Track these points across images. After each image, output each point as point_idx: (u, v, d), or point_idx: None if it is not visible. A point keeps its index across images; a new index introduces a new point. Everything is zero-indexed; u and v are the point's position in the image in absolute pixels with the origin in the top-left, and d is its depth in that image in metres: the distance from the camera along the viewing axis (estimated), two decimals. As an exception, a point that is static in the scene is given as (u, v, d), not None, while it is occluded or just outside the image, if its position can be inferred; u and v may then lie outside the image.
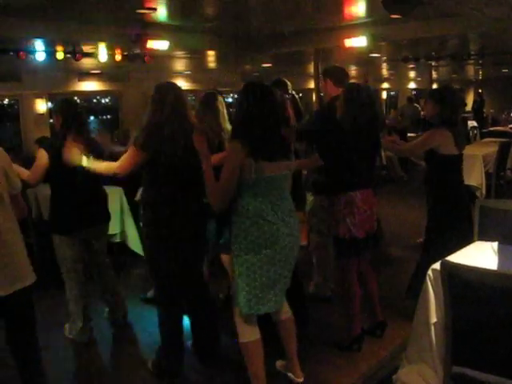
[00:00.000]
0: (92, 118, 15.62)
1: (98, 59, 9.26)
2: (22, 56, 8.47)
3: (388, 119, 14.30)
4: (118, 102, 13.56)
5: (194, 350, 4.23)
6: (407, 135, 13.08)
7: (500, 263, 3.24)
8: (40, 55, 8.70)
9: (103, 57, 9.21)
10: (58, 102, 4.76)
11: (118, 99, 13.52)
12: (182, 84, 14.36)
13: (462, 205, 4.67)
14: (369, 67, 17.28)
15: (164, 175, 3.74)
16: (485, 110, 22.47)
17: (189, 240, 3.86)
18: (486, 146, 9.85)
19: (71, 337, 4.73)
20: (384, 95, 22.44)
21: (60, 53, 8.74)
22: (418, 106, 16.89)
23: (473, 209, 4.38)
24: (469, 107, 22.51)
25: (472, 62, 15.59)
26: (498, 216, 3.85)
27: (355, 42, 9.87)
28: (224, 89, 15.09)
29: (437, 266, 3.13)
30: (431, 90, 6.64)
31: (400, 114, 16.00)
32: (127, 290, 5.55)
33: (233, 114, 3.92)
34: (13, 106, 12.84)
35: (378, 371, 3.97)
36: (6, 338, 3.24)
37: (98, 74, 12.31)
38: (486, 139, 12.06)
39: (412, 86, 24.78)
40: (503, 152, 9.20)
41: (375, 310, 4.50)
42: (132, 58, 9.91)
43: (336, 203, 4.12)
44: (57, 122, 4.55)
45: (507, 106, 20.89)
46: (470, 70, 20.93)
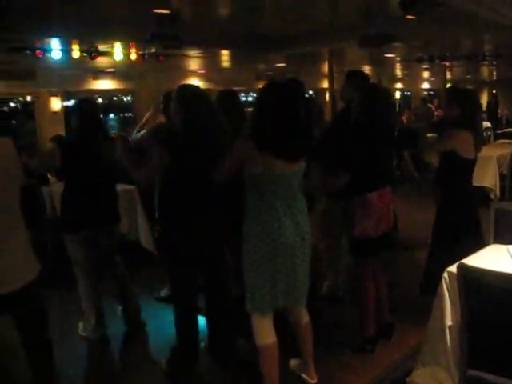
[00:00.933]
0: (112, 115, 15.65)
1: (113, 58, 9.29)
2: (38, 54, 8.51)
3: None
4: (133, 100, 13.60)
5: (208, 350, 4.24)
6: (420, 135, 12.99)
7: (516, 266, 3.23)
8: (56, 54, 8.74)
9: (118, 56, 9.24)
10: (75, 102, 4.78)
11: (133, 98, 13.56)
12: (197, 83, 14.39)
13: (470, 207, 4.65)
14: (382, 67, 17.23)
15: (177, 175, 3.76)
16: (499, 111, 22.34)
17: (204, 235, 3.87)
18: (500, 148, 9.78)
19: (85, 334, 4.76)
20: (397, 95, 22.35)
21: (76, 51, 8.77)
22: (431, 106, 16.81)
23: (484, 211, 4.37)
24: (483, 108, 22.38)
25: (486, 62, 15.50)
26: (514, 218, 3.84)
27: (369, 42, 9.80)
28: (238, 88, 15.13)
29: (452, 268, 3.13)
30: (451, 90, 6.56)
31: (414, 114, 15.93)
32: (140, 289, 5.57)
33: (249, 112, 3.93)
34: (28, 104, 12.90)
35: (392, 373, 3.96)
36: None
37: (112, 72, 12.35)
38: (501, 140, 11.96)
39: (426, 86, 24.67)
40: (517, 153, 9.15)
41: (383, 311, 4.49)
42: (147, 57, 9.93)
43: (351, 205, 4.11)
44: (73, 121, 4.57)
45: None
46: (485, 71, 20.82)
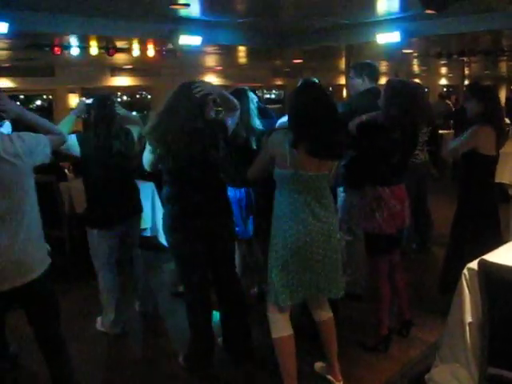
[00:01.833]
0: (134, 113, 15.74)
1: (131, 54, 9.33)
2: (57, 51, 8.57)
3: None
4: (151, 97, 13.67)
5: (224, 346, 4.24)
6: (438, 132, 12.91)
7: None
8: (74, 50, 8.79)
9: (136, 52, 9.28)
10: (93, 98, 4.80)
11: (150, 94, 13.61)
12: (214, 79, 14.42)
13: (491, 206, 4.61)
14: (400, 63, 17.14)
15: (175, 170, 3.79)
16: (518, 107, 22.12)
17: (212, 232, 3.88)
18: (519, 144, 9.68)
19: (103, 329, 4.78)
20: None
21: (94, 48, 8.82)
22: (449, 102, 16.69)
23: (503, 207, 4.33)
24: (501, 104, 22.17)
25: (505, 58, 15.36)
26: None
27: (388, 37, 9.79)
28: (255, 84, 15.14)
29: (472, 265, 3.10)
30: (471, 86, 6.50)
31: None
32: (158, 285, 5.59)
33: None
34: (46, 100, 13.03)
35: (410, 370, 3.94)
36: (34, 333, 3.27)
37: (130, 69, 12.41)
38: (520, 136, 11.84)
39: (443, 82, 24.50)
40: (537, 149, 9.03)
41: (402, 308, 4.47)
42: (164, 54, 9.96)
43: (364, 197, 4.09)
44: (91, 117, 4.60)
45: (541, 103, 20.52)
46: (503, 67, 20.63)
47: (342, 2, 7.94)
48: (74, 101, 11.44)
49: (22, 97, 13.37)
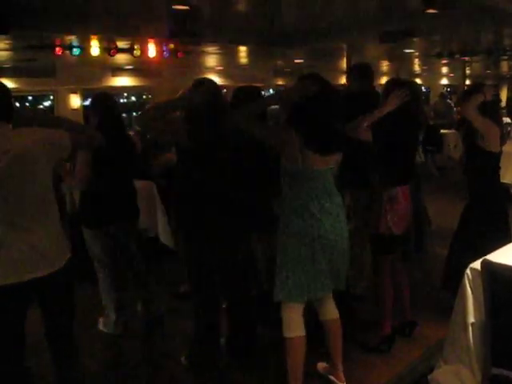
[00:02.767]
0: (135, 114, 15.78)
1: (133, 55, 9.33)
2: (58, 52, 8.57)
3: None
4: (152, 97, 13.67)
5: (228, 346, 4.23)
6: (440, 132, 12.91)
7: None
8: (75, 51, 8.79)
9: (137, 52, 9.28)
10: (93, 97, 4.77)
11: (151, 95, 13.61)
12: (215, 79, 14.40)
13: (499, 205, 4.60)
14: (401, 63, 17.11)
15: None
16: (520, 107, 22.07)
17: (220, 233, 3.86)
18: (521, 143, 9.66)
19: (105, 330, 4.77)
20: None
21: (95, 48, 8.81)
22: (450, 102, 16.66)
23: (508, 208, 4.32)
24: (503, 103, 22.14)
25: (506, 57, 15.34)
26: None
27: (389, 37, 9.75)
28: (256, 84, 15.09)
29: (475, 265, 3.10)
30: (475, 86, 6.52)
31: (433, 110, 15.78)
32: (160, 285, 5.58)
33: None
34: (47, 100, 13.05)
35: (413, 371, 3.94)
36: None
37: (131, 69, 12.41)
38: (521, 136, 11.83)
39: (444, 82, 24.47)
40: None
41: (405, 308, 4.46)
42: (165, 54, 9.95)
43: (378, 199, 4.08)
44: (91, 117, 4.58)
45: (543, 103, 20.51)
46: (504, 66, 20.59)
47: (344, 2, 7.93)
48: (75, 101, 11.46)
49: (30, 98, 13.38)
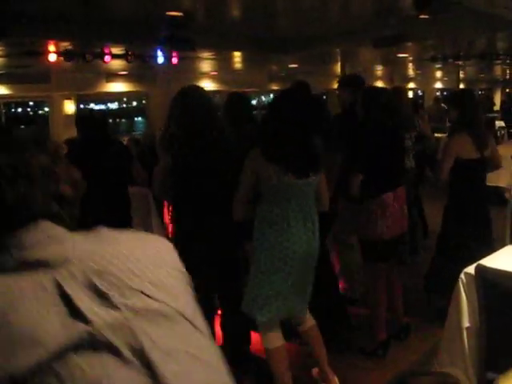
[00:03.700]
0: (139, 118, 15.80)
1: (127, 60, 9.33)
2: (52, 58, 8.56)
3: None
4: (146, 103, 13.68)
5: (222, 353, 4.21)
6: (434, 134, 12.93)
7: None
8: (69, 57, 8.78)
9: (131, 58, 9.28)
10: (78, 116, 4.90)
11: (146, 100, 13.63)
12: (209, 85, 14.43)
13: (479, 209, 4.62)
14: (395, 67, 17.17)
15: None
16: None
17: (215, 237, 3.84)
18: (515, 147, 9.72)
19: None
20: (410, 95, 22.28)
21: (88, 55, 8.81)
22: (445, 106, 16.70)
23: (500, 211, 4.34)
24: (497, 107, 22.22)
25: (500, 61, 15.40)
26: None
27: (382, 42, 9.80)
28: (251, 89, 15.15)
29: (470, 269, 3.11)
30: (449, 95, 6.62)
31: (427, 114, 15.79)
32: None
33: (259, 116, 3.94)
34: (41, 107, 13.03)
35: (408, 375, 3.93)
36: None
37: (125, 75, 12.41)
38: (515, 140, 11.90)
39: (438, 85, 24.56)
40: (533, 153, 9.06)
41: (398, 312, 4.47)
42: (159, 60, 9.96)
43: (368, 206, 4.09)
44: (79, 133, 4.70)
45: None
46: (498, 70, 20.69)
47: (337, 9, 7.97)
48: (70, 107, 11.46)
49: (31, 103, 13.38)
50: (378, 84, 18.11)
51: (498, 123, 16.99)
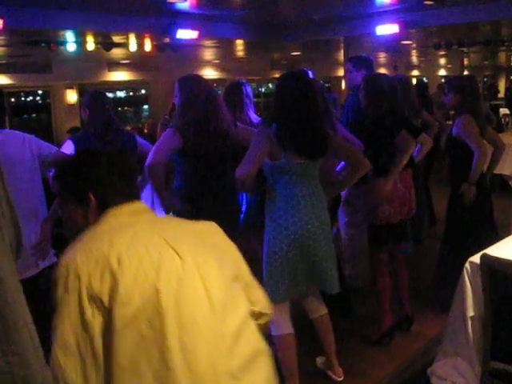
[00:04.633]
0: (146, 106, 15.76)
1: (128, 49, 9.30)
2: (53, 47, 8.55)
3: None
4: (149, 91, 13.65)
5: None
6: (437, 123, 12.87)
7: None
8: (71, 46, 8.76)
9: (133, 47, 9.25)
10: (85, 95, 4.74)
11: (148, 89, 13.59)
12: (211, 73, 14.38)
13: (482, 196, 4.58)
14: (398, 54, 17.09)
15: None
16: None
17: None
18: (519, 134, 9.67)
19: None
20: (414, 82, 22.17)
21: (90, 43, 8.78)
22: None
23: (504, 198, 4.30)
24: (501, 94, 22.12)
25: (504, 48, 15.33)
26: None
27: (387, 29, 9.76)
28: (253, 77, 15.10)
29: (474, 258, 3.09)
30: (449, 80, 6.53)
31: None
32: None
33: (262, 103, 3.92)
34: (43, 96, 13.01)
35: (412, 364, 3.93)
36: None
37: (127, 63, 12.38)
38: (520, 127, 11.83)
39: (442, 73, 24.45)
40: (537, 140, 9.01)
41: (403, 302, 4.45)
42: (161, 48, 9.93)
43: (374, 189, 4.06)
44: (84, 114, 4.55)
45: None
46: (502, 57, 20.59)
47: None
48: (72, 96, 11.44)
49: (40, 92, 13.37)
50: (382, 71, 18.04)
51: (503, 110, 16.87)
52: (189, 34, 8.88)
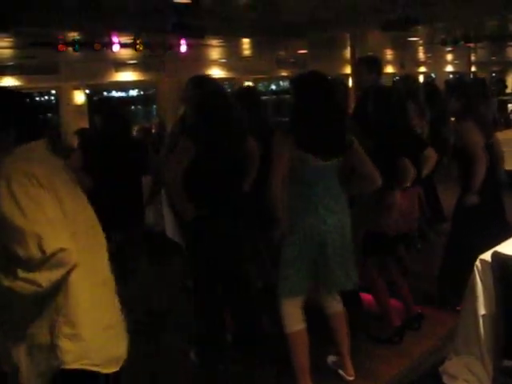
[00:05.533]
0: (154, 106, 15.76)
1: (135, 49, 9.31)
2: (61, 48, 8.57)
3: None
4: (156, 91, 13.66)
5: (234, 341, 4.22)
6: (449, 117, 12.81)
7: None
8: (78, 47, 8.78)
9: (140, 47, 9.26)
10: (96, 102, 4.78)
11: (155, 89, 13.60)
12: (218, 72, 14.38)
13: (489, 195, 4.56)
14: (405, 51, 17.03)
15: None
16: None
17: (229, 223, 3.83)
18: (527, 130, 9.62)
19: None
20: (421, 79, 22.10)
21: (97, 44, 8.81)
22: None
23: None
24: (509, 90, 22.00)
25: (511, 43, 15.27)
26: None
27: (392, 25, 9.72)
28: (260, 76, 15.08)
29: (485, 256, 3.07)
30: (447, 85, 6.53)
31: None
32: (166, 280, 5.57)
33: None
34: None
35: (423, 363, 3.92)
36: None
37: (134, 64, 12.40)
38: (529, 123, 11.78)
39: (449, 69, 24.34)
40: (545, 135, 8.96)
41: (407, 301, 4.43)
42: (168, 48, 9.95)
43: (380, 200, 4.05)
44: (98, 121, 4.61)
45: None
46: (510, 52, 20.50)
47: None
48: (80, 97, 11.46)
49: (53, 91, 13.43)
50: (389, 69, 18.01)
51: (510, 106, 16.83)
52: (195, 34, 8.88)
